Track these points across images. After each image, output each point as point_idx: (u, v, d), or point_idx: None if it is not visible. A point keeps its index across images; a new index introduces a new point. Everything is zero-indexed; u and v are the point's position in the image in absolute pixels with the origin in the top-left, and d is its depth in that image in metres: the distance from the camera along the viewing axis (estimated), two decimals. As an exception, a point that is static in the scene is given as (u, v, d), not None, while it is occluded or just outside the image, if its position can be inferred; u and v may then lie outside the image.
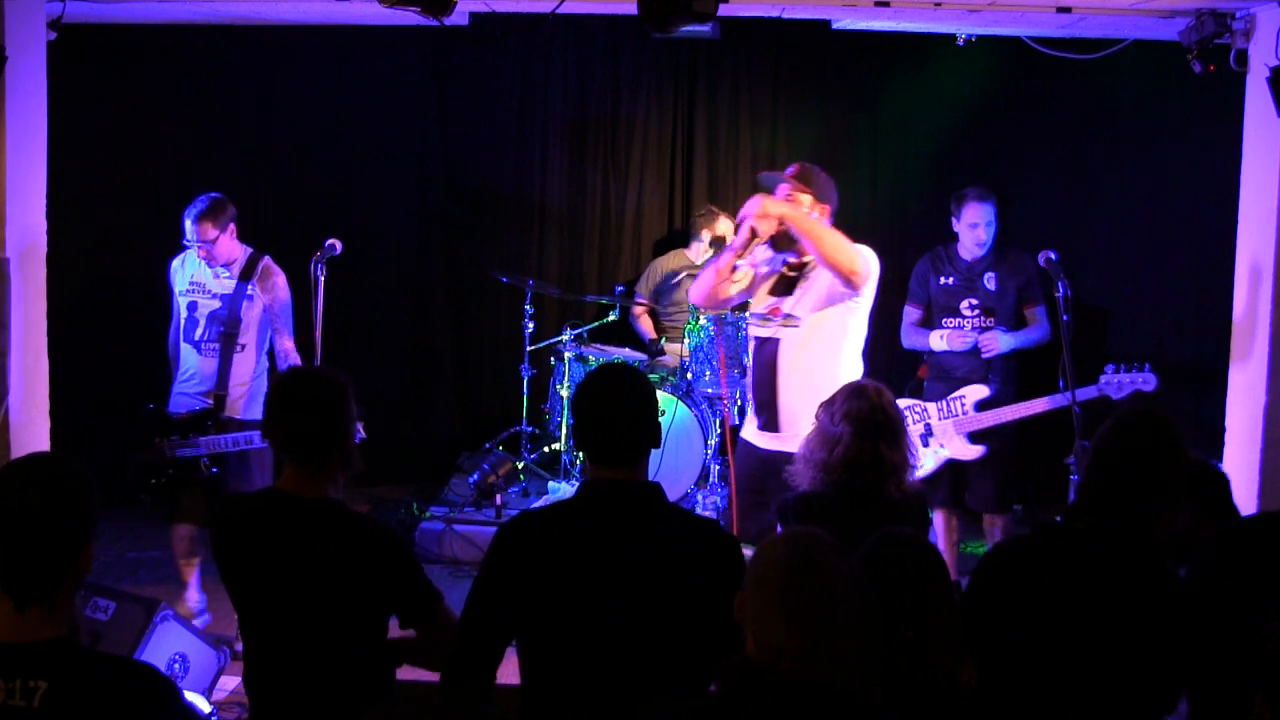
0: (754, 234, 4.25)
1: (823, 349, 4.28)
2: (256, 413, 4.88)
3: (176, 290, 4.93)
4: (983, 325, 5.37)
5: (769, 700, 1.97)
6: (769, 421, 4.37)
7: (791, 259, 4.39)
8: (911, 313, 5.63)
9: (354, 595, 2.63)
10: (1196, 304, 6.69)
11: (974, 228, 5.41)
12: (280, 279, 4.95)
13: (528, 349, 6.66)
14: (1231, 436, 5.03)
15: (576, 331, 6.61)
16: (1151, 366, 5.05)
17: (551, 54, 7.30)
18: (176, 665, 4.06)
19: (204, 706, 3.98)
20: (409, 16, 4.39)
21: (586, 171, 7.43)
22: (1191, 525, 2.90)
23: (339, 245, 4.83)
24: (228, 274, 4.88)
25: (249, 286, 4.87)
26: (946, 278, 5.48)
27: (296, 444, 2.71)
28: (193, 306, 4.87)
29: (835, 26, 6.00)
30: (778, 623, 2.00)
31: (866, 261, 4.23)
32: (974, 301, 5.41)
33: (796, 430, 4.00)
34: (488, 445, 6.66)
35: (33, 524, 1.94)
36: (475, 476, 6.30)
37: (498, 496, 6.18)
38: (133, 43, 6.43)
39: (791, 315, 4.31)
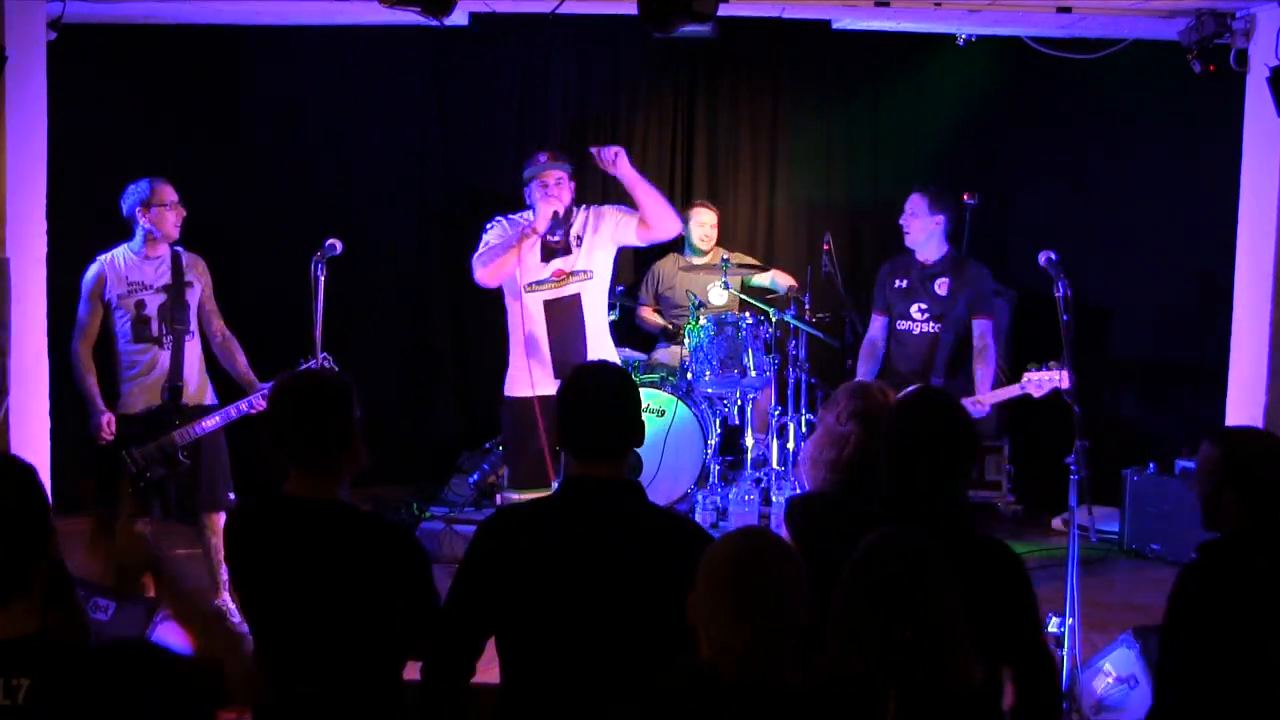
0: (555, 216, 4.89)
1: (602, 290, 5.12)
2: (212, 396, 5.02)
3: (113, 297, 4.87)
4: (929, 330, 5.35)
5: (715, 702, 1.97)
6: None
7: (555, 236, 4.98)
8: (874, 320, 5.58)
9: (369, 596, 2.62)
10: (1196, 304, 6.69)
11: (902, 219, 5.41)
12: (204, 263, 5.04)
13: (528, 349, 6.65)
14: (1231, 436, 5.02)
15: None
16: (1066, 363, 4.82)
17: (551, 54, 7.30)
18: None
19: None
20: (409, 16, 4.39)
21: (586, 171, 7.41)
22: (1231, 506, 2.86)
23: (339, 245, 4.84)
24: (161, 266, 4.90)
25: (186, 275, 4.93)
26: (901, 280, 5.46)
27: (303, 448, 2.68)
28: (140, 305, 4.88)
29: (835, 26, 6.00)
30: (725, 621, 2.01)
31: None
32: (923, 306, 5.38)
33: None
34: (488, 445, 6.66)
35: (3, 522, 1.95)
36: (475, 476, 6.30)
37: (498, 496, 6.18)
38: (133, 43, 6.42)
39: (585, 271, 5.04)
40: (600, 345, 5.14)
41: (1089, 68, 5.85)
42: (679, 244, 7.05)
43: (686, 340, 6.20)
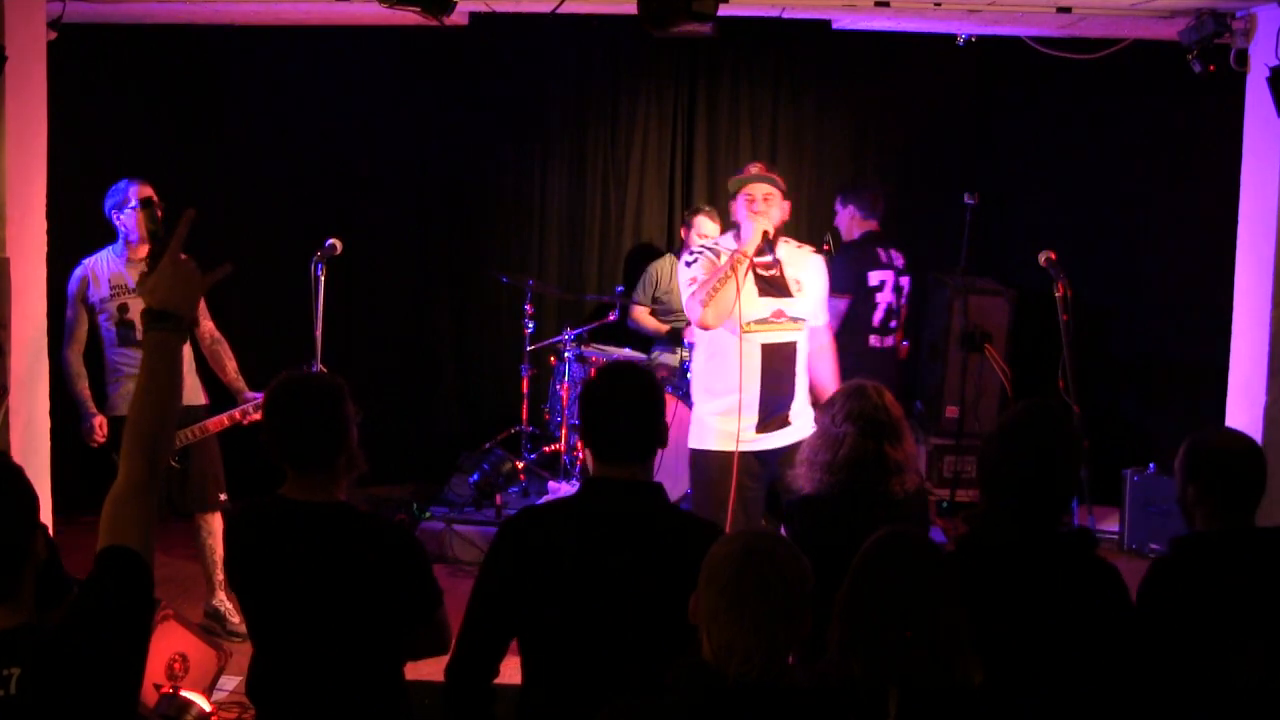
0: (765, 237, 4.27)
1: (806, 345, 4.50)
2: (201, 397, 5.01)
3: (96, 300, 4.87)
4: None
5: (719, 701, 1.98)
6: (778, 420, 4.39)
7: (765, 259, 4.34)
8: None
9: (369, 597, 2.62)
10: (1196, 304, 6.69)
11: None
12: (193, 263, 4.92)
13: (528, 349, 6.66)
14: (1231, 436, 5.02)
15: (576, 331, 6.61)
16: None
17: (552, 54, 7.30)
18: (176, 665, 4.07)
19: (205, 706, 3.98)
20: (409, 16, 4.39)
21: (586, 172, 7.43)
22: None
23: (339, 245, 4.84)
24: (143, 268, 4.86)
25: None
26: None
27: (298, 451, 2.67)
28: (124, 309, 4.84)
29: (835, 26, 6.01)
30: (728, 620, 2.01)
31: None
32: None
33: (807, 420, 4.27)
34: (488, 445, 6.66)
35: None
36: (475, 476, 6.30)
37: (498, 496, 6.18)
38: (133, 43, 6.42)
39: (803, 319, 4.43)
40: (802, 405, 4.46)
41: (1089, 68, 5.85)
42: (677, 247, 7.06)
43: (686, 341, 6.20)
